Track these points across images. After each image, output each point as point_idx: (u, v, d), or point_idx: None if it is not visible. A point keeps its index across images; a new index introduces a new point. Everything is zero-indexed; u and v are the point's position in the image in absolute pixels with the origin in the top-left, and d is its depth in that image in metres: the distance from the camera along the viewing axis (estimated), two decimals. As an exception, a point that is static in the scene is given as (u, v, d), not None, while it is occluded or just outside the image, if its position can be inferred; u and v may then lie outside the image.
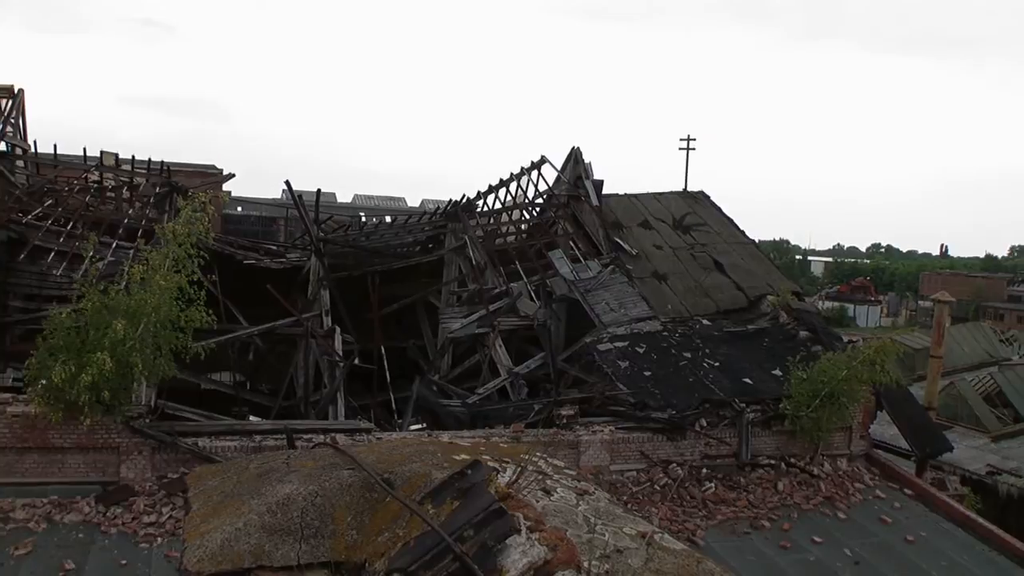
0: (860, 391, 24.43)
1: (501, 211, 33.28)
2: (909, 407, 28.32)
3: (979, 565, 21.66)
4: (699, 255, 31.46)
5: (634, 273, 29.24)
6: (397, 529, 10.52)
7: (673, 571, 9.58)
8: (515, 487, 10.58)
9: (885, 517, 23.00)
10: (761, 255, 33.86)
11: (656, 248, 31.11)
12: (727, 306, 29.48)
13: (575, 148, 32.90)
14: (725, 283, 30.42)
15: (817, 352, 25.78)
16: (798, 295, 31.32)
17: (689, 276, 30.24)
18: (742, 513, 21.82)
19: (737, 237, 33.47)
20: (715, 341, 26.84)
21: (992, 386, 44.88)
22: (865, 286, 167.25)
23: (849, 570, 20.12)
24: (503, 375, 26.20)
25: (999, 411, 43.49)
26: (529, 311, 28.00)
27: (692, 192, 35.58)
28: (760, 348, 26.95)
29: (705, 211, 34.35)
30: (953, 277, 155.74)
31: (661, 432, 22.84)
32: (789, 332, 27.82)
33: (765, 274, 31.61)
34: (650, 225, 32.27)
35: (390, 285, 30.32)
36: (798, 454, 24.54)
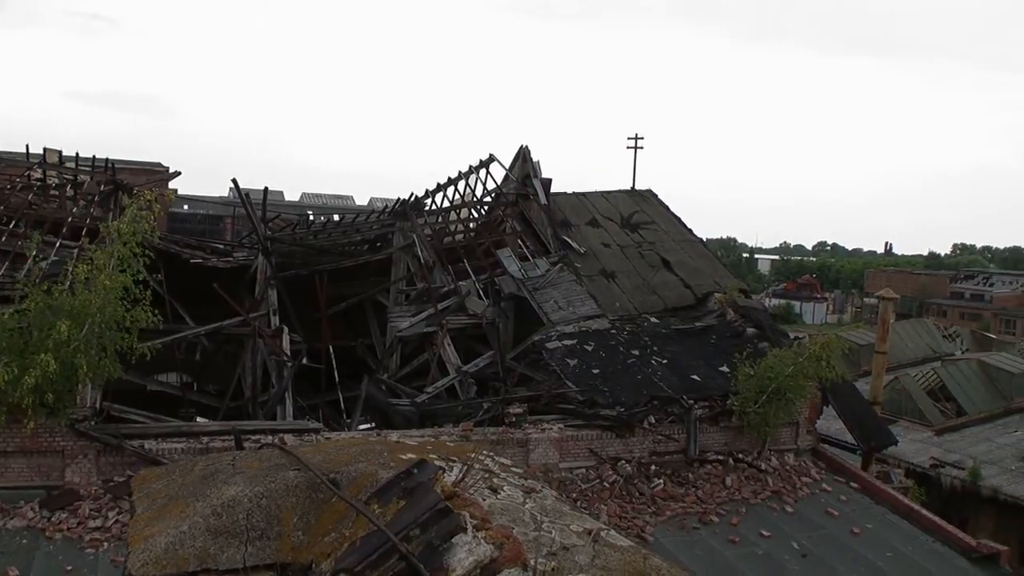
0: (806, 387, 24.78)
1: (449, 209, 33.27)
2: (854, 402, 28.72)
3: (923, 555, 22.12)
4: (647, 253, 31.62)
5: (582, 271, 29.34)
6: (343, 529, 10.48)
7: (619, 567, 9.63)
8: (462, 486, 10.58)
9: (832, 510, 23.38)
10: (708, 253, 34.11)
11: (604, 246, 31.23)
12: (675, 304, 29.67)
13: (523, 147, 32.95)
14: (673, 281, 30.61)
15: (764, 349, 26.06)
16: (745, 293, 31.59)
17: (637, 274, 30.39)
18: (691, 509, 22.03)
19: (685, 235, 33.68)
20: (663, 338, 27.00)
21: (935, 381, 45.60)
22: (811, 284, 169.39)
23: (797, 563, 20.43)
24: (452, 374, 26.18)
25: (942, 405, 44.24)
26: (477, 310, 28.00)
27: (640, 191, 35.74)
28: (707, 345, 27.18)
29: (653, 209, 34.53)
30: (897, 275, 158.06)
31: (610, 429, 23.00)
32: (736, 329, 28.06)
33: (712, 272, 31.83)
34: (598, 223, 32.39)
35: (338, 284, 30.17)
36: (746, 449, 24.83)
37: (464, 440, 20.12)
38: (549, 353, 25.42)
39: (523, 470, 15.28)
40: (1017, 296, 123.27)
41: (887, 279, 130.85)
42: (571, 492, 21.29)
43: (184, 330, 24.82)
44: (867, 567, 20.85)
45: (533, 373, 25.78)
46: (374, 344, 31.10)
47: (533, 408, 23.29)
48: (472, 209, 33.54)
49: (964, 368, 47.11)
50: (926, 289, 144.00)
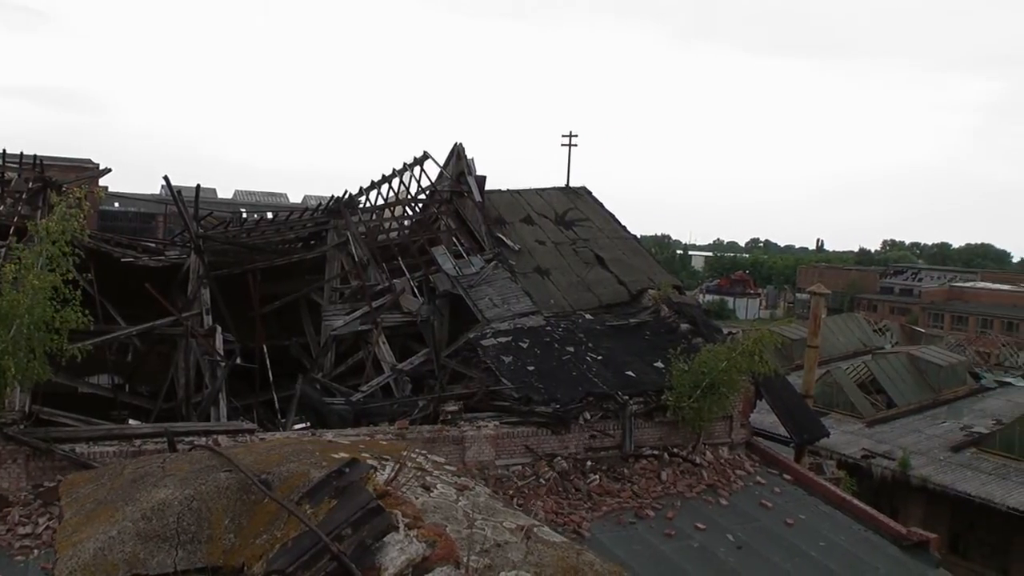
0: (740, 381, 25.08)
1: (384, 207, 33.09)
2: (787, 395, 29.08)
3: (855, 544, 22.52)
4: (581, 250, 31.75)
5: (517, 268, 29.39)
6: (275, 531, 10.37)
7: (552, 563, 9.66)
8: (394, 484, 10.54)
9: (766, 502, 23.67)
10: (642, 250, 34.33)
11: (539, 243, 31.31)
12: (609, 300, 29.82)
13: (458, 144, 32.89)
14: (607, 278, 30.76)
15: (698, 344, 26.29)
16: (679, 289, 31.89)
17: (571, 271, 30.49)
18: (627, 503, 22.17)
19: (619, 232, 33.86)
20: (597, 335, 27.13)
21: (866, 374, 46.39)
22: (744, 280, 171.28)
23: (732, 554, 20.66)
24: (387, 372, 26.08)
25: (873, 397, 45.01)
26: (412, 308, 27.92)
27: (574, 188, 35.87)
28: (642, 341, 27.35)
29: (587, 207, 34.67)
30: (829, 270, 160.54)
31: (545, 426, 23.05)
32: (670, 325, 28.27)
33: (646, 268, 32.05)
34: (532, 221, 32.47)
35: (272, 282, 29.88)
36: (681, 444, 25.04)
37: (400, 438, 20.06)
38: (484, 350, 25.42)
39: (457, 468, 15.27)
40: (945, 291, 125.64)
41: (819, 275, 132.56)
42: (507, 489, 21.32)
43: (115, 330, 24.43)
44: (801, 557, 21.14)
45: (468, 371, 25.75)
46: (308, 343, 30.84)
47: (468, 406, 23.28)
48: (406, 207, 33.39)
49: (894, 361, 48.01)
50: (857, 285, 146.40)
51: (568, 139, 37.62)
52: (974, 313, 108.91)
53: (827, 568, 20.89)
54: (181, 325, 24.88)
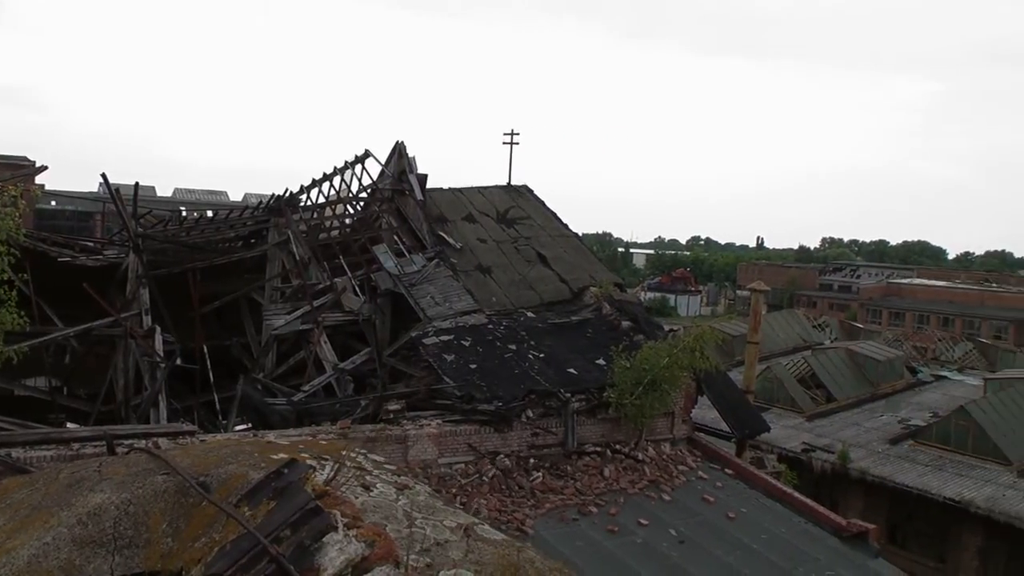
0: (681, 377, 25.24)
1: (325, 205, 32.91)
2: (728, 391, 29.40)
3: (796, 536, 22.80)
4: (523, 248, 31.81)
5: (458, 267, 29.39)
6: (214, 534, 10.27)
7: (493, 561, 9.66)
8: (333, 484, 10.49)
9: (708, 496, 23.88)
10: (584, 248, 34.44)
11: (480, 241, 31.32)
12: (551, 298, 29.90)
13: (399, 142, 32.80)
14: (549, 275, 30.85)
15: (639, 341, 26.42)
16: (620, 286, 32.01)
17: (513, 269, 30.54)
18: (570, 500, 22.22)
19: (560, 230, 33.97)
20: (539, 333, 27.19)
21: (806, 369, 47.02)
22: (685, 277, 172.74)
23: (675, 549, 20.79)
24: (328, 371, 25.95)
25: (812, 392, 45.67)
26: (354, 306, 27.83)
27: (516, 186, 35.93)
28: (584, 339, 27.44)
29: (529, 205, 34.74)
30: (769, 267, 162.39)
31: (488, 424, 23.05)
32: (612, 323, 28.40)
33: (588, 266, 32.18)
34: (474, 219, 32.48)
35: (212, 282, 29.61)
36: (623, 440, 25.16)
37: (342, 438, 19.97)
38: (426, 349, 25.38)
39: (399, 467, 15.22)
40: (882, 287, 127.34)
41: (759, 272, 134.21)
42: (450, 488, 21.32)
43: (52, 332, 24.16)
44: (743, 550, 21.37)
45: (410, 369, 25.71)
46: (249, 343, 30.61)
47: (411, 404, 23.23)
48: (347, 205, 33.25)
49: (833, 356, 48.73)
50: (796, 281, 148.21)
51: (510, 137, 37.69)
52: (911, 309, 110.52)
53: (769, 560, 21.12)
54: (120, 326, 24.63)
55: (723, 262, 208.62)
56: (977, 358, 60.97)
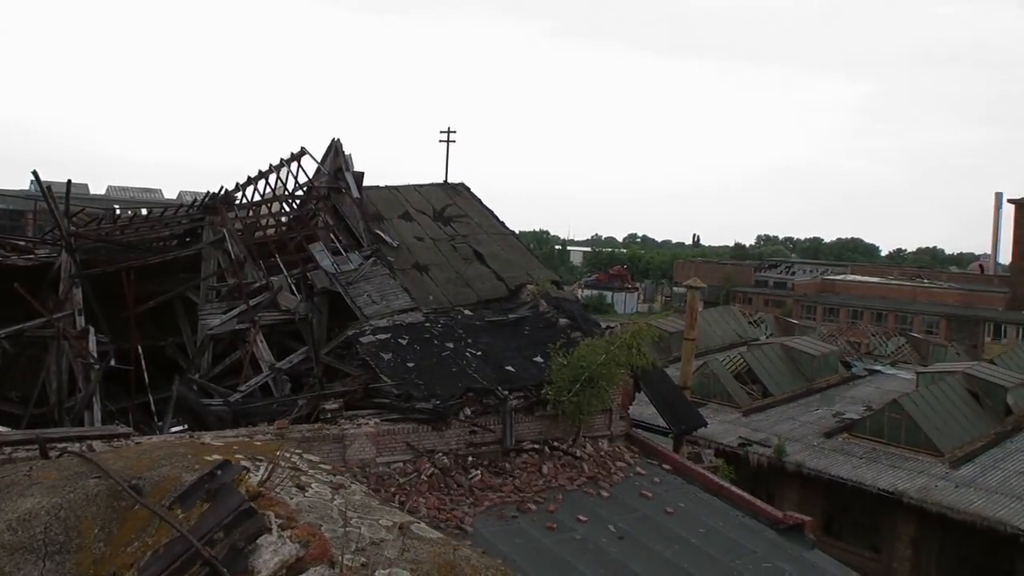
0: (618, 374, 25.41)
1: (260, 203, 32.58)
2: (665, 387, 29.61)
3: (733, 529, 23.00)
4: (460, 246, 31.78)
5: (395, 265, 29.29)
6: (147, 537, 10.16)
7: (429, 559, 9.66)
8: (267, 485, 10.41)
9: (646, 492, 24.03)
10: (521, 245, 34.51)
11: (417, 239, 31.23)
12: (488, 296, 29.91)
13: (335, 140, 32.57)
14: (486, 273, 30.85)
15: (577, 338, 26.53)
16: (557, 284, 32.13)
17: (450, 267, 30.51)
18: (509, 498, 22.25)
19: (497, 228, 33.98)
20: (477, 330, 27.19)
21: (742, 365, 47.52)
22: (622, 274, 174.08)
23: (614, 545, 20.86)
24: (265, 371, 25.75)
25: (749, 387, 46.17)
26: (290, 305, 27.63)
27: (453, 184, 35.86)
28: (521, 336, 27.49)
29: (466, 202, 34.71)
30: (705, 264, 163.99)
31: (426, 422, 23.01)
32: (549, 320, 28.48)
33: (525, 264, 32.23)
34: (411, 217, 32.38)
35: (146, 281, 29.16)
36: (561, 437, 25.25)
37: (279, 438, 19.82)
38: (364, 347, 25.28)
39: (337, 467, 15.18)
40: (817, 284, 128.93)
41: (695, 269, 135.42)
42: (389, 487, 21.27)
43: (-19, 334, 23.72)
44: (681, 544, 21.50)
45: (348, 368, 25.60)
46: (185, 343, 30.24)
47: (349, 403, 23.16)
48: (284, 203, 32.98)
49: (768, 352, 49.30)
50: (732, 278, 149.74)
51: (447, 135, 37.61)
52: (845, 305, 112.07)
53: (707, 554, 21.29)
54: (52, 327, 24.26)
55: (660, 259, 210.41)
56: (909, 352, 61.99)
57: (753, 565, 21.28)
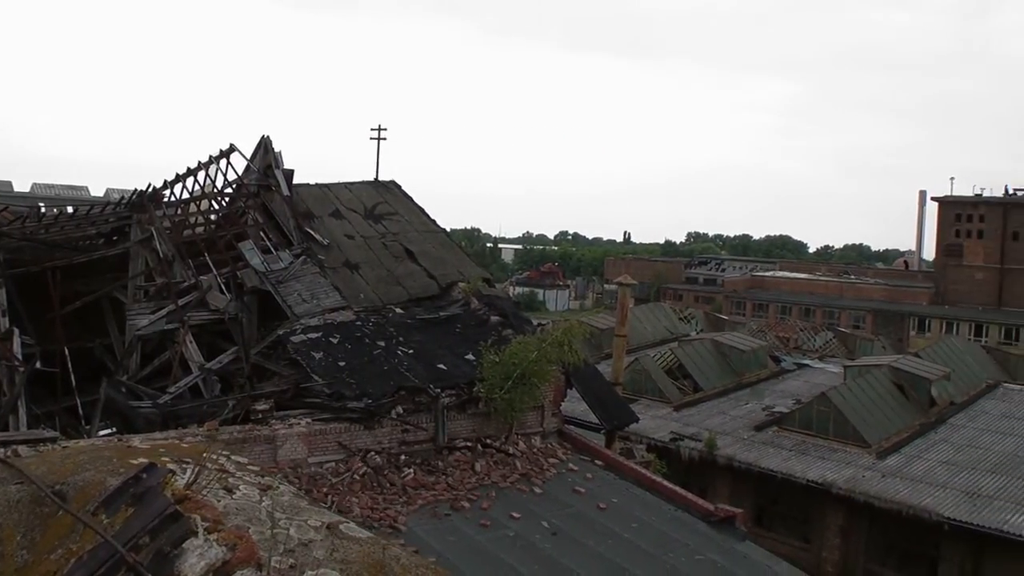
0: (550, 371, 25.52)
1: (189, 201, 32.17)
2: (597, 384, 29.79)
3: (666, 523, 23.23)
4: (391, 244, 31.66)
5: (326, 263, 29.11)
6: (70, 544, 9.98)
7: (358, 559, 9.62)
8: (194, 488, 10.28)
9: (579, 488, 24.16)
10: (452, 243, 34.48)
11: (348, 238, 31.07)
12: (419, 294, 29.85)
13: (265, 137, 32.20)
14: (417, 271, 30.78)
15: (508, 336, 26.61)
16: (489, 281, 32.17)
17: (381, 265, 30.39)
18: (442, 496, 22.27)
19: (428, 226, 33.92)
20: (408, 329, 27.14)
21: (673, 360, 47.92)
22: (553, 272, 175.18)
23: (548, 541, 20.94)
24: (195, 372, 25.45)
25: (680, 383, 46.57)
26: (220, 304, 27.34)
27: (383, 181, 35.71)
28: (453, 334, 27.49)
29: (396, 200, 34.59)
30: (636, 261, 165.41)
31: (358, 422, 22.97)
32: (480, 317, 28.51)
33: (456, 262, 32.21)
34: (341, 215, 32.19)
35: (73, 281, 28.70)
36: (494, 435, 25.32)
37: (210, 440, 19.62)
38: (294, 347, 25.12)
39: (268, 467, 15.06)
40: (746, 280, 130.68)
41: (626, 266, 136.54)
42: (321, 487, 21.17)
43: (-102, 337, 23.18)
44: (614, 539, 21.67)
45: (278, 368, 25.42)
46: (113, 344, 29.79)
47: (280, 403, 23.01)
48: (213, 201, 32.59)
49: (699, 347, 49.79)
50: (663, 275, 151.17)
51: (377, 133, 37.47)
52: (774, 300, 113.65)
53: (639, 548, 21.44)
54: (-27, 329, 23.77)
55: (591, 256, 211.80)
56: (837, 347, 62.96)
57: (686, 558, 21.50)
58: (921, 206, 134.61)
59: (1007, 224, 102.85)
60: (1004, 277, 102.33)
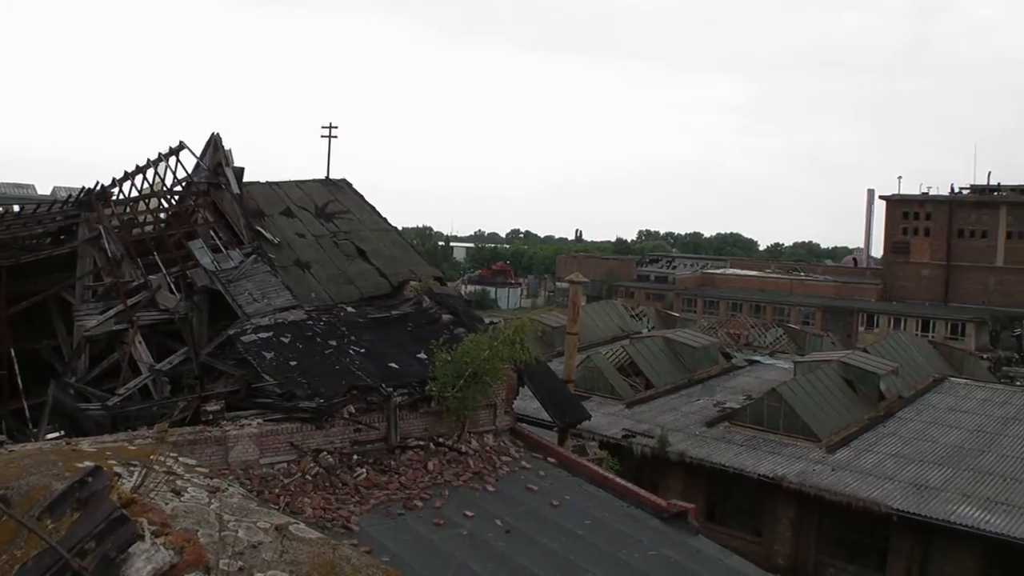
0: (502, 369, 25.57)
1: (138, 199, 31.79)
2: (549, 381, 29.85)
3: (619, 520, 23.31)
4: (342, 243, 31.48)
5: (277, 262, 28.87)
6: (15, 550, 9.84)
7: (308, 561, 9.60)
8: (141, 491, 10.21)
9: (532, 486, 24.21)
10: (404, 242, 34.36)
11: (299, 236, 30.85)
12: (371, 293, 29.70)
13: (215, 134, 31.84)
14: (368, 270, 30.64)
15: (460, 334, 26.60)
16: (440, 280, 32.12)
17: (332, 264, 30.23)
18: (395, 495, 22.21)
19: (380, 224, 33.76)
20: (360, 328, 27.02)
21: (624, 358, 48.14)
22: (505, 270, 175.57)
23: (501, 539, 20.96)
24: (144, 373, 25.19)
25: (632, 380, 46.79)
26: (169, 304, 27.05)
27: (335, 180, 35.48)
28: (404, 333, 27.43)
29: (348, 199, 34.39)
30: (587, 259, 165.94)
31: (310, 421, 22.82)
32: (432, 316, 28.47)
33: (408, 260, 32.11)
34: (292, 213, 31.94)
35: (19, 281, 28.30)
36: (446, 433, 25.30)
37: (160, 442, 19.45)
38: (245, 347, 24.92)
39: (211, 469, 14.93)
40: (697, 277, 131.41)
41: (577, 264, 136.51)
42: (273, 488, 21.03)
43: None
44: (568, 536, 21.72)
45: (229, 368, 25.22)
46: (60, 345, 29.39)
47: (231, 404, 22.84)
48: (162, 199, 32.23)
49: (650, 344, 50.08)
50: (614, 273, 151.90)
51: (328, 131, 37.28)
52: (724, 298, 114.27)
53: (593, 545, 21.52)
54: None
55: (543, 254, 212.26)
56: (787, 343, 63.69)
57: (639, 554, 21.60)
58: (869, 204, 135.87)
59: (953, 222, 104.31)
60: (950, 274, 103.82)
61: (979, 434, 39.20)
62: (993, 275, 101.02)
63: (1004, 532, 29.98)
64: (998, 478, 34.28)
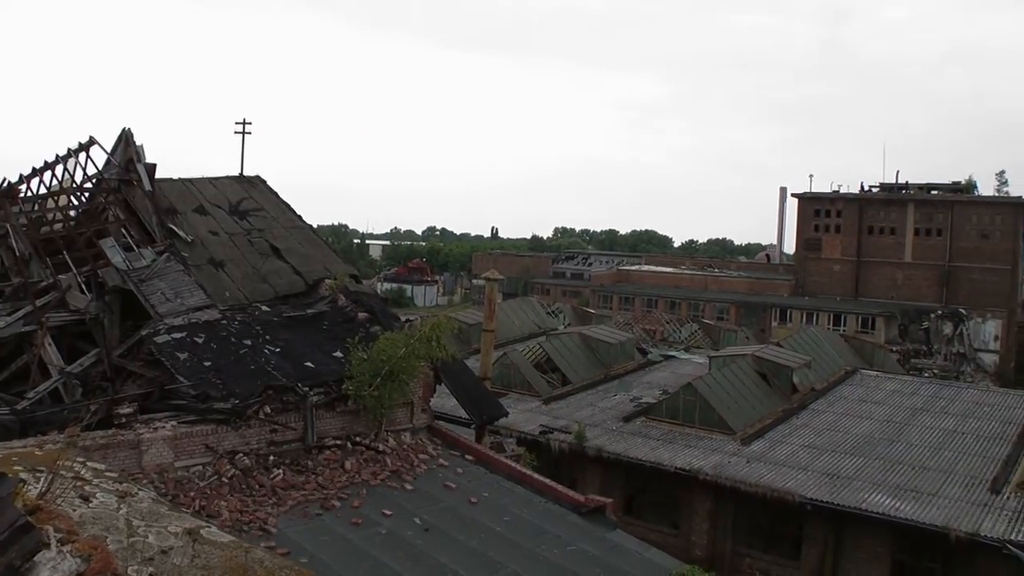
0: (419, 367, 25.55)
1: (46, 197, 31.08)
2: (466, 379, 29.93)
3: (537, 516, 23.48)
4: (256, 241, 31.13)
5: (190, 260, 28.43)
6: (-86, 560, 9.62)
7: (221, 564, 9.48)
8: (47, 497, 9.98)
9: (450, 483, 24.25)
10: (319, 240, 34.05)
11: (212, 234, 30.42)
12: (286, 291, 29.46)
13: (126, 129, 31.22)
14: (283, 268, 30.36)
15: (376, 333, 26.47)
16: (356, 278, 31.95)
17: (246, 262, 29.88)
18: (312, 496, 22.06)
19: (294, 222, 33.44)
20: (275, 327, 26.75)
21: (541, 354, 48.43)
22: (421, 267, 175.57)
23: (420, 537, 20.97)
24: (55, 376, 24.63)
25: (548, 376, 47.07)
26: (80, 305, 26.50)
27: (249, 177, 35.00)
28: (320, 331, 27.23)
29: (262, 196, 33.99)
30: (503, 257, 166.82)
31: (225, 423, 22.50)
32: (348, 314, 28.30)
33: (323, 258, 31.88)
34: (205, 211, 31.48)
35: (-79, 283, 27.61)
36: (363, 432, 25.19)
37: (70, 447, 19.05)
38: (158, 347, 24.52)
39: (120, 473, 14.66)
40: (612, 274, 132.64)
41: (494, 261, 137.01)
42: (189, 491, 20.73)
43: None
44: (486, 533, 21.82)
45: (142, 370, 24.77)
46: (-34, 348, 28.68)
47: (144, 406, 22.40)
48: (71, 196, 31.54)
49: (567, 341, 50.44)
50: (530, 270, 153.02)
51: (242, 127, 36.82)
52: (640, 294, 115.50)
53: (512, 541, 21.67)
54: None
55: (459, 252, 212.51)
56: (702, 338, 64.60)
57: (557, 549, 21.80)
58: (782, 202, 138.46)
59: (863, 219, 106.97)
60: (860, 269, 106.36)
61: (889, 424, 40.26)
62: (901, 270, 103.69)
63: (913, 518, 30.93)
64: (907, 466, 35.28)
